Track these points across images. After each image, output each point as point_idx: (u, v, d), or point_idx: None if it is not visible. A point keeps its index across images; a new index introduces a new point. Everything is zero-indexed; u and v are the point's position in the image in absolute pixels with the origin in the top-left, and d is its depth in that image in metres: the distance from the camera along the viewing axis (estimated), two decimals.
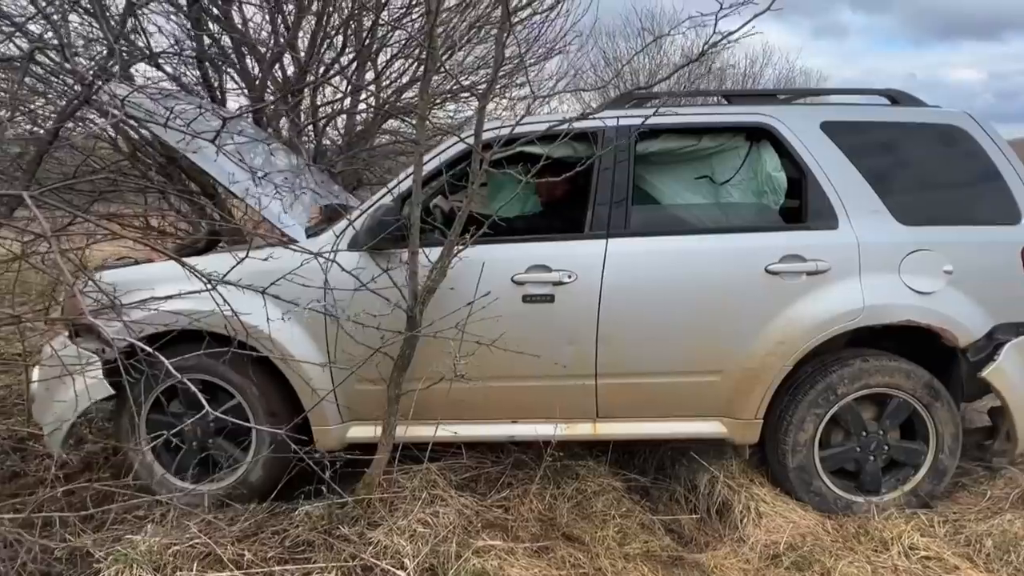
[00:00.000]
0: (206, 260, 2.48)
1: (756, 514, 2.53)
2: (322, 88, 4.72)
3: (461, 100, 5.30)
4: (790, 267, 2.55)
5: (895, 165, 2.67)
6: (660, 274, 2.59)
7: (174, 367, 1.54)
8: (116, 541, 2.20)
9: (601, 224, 2.61)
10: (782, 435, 2.64)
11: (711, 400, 2.65)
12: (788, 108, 2.79)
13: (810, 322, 2.54)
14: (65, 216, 2.57)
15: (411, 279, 2.38)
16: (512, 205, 3.32)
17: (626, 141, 2.62)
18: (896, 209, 2.61)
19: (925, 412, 2.63)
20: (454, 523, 2.33)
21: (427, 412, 2.55)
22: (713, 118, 2.75)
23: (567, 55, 5.89)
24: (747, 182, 2.77)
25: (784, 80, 14.09)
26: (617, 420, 2.70)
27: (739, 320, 2.57)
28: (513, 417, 2.70)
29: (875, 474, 2.67)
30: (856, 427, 2.65)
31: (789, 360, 2.57)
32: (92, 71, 2.25)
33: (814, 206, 2.62)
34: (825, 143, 2.64)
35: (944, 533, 2.46)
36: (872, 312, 2.54)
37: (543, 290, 2.56)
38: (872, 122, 2.73)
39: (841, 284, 2.55)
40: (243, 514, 2.43)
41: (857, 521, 2.56)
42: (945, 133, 2.69)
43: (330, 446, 2.65)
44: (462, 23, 4.63)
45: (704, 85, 11.20)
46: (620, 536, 2.46)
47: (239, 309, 2.17)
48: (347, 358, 2.50)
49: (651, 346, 2.59)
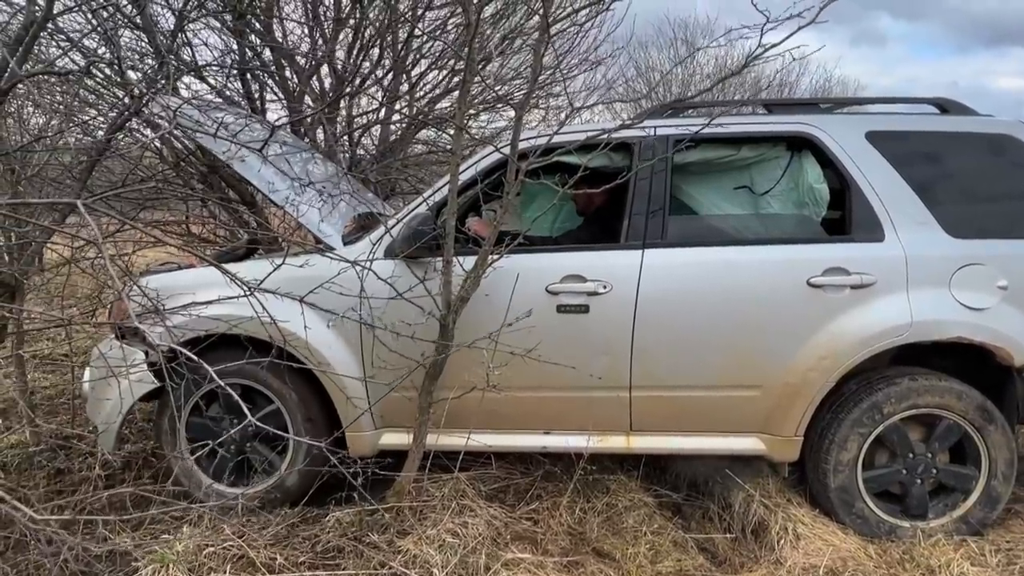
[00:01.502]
0: (245, 267, 2.53)
1: (794, 536, 2.45)
2: (357, 99, 4.82)
3: (496, 110, 5.33)
4: (833, 280, 2.47)
5: (944, 176, 2.57)
6: (697, 285, 2.54)
7: (215, 372, 1.56)
8: (154, 541, 2.24)
9: (637, 234, 2.58)
10: (824, 454, 2.55)
11: (749, 416, 2.58)
12: (831, 117, 2.73)
13: (854, 337, 2.46)
14: (112, 223, 2.67)
15: (444, 288, 2.39)
16: (547, 215, 3.34)
17: (664, 151, 2.59)
18: (946, 221, 2.51)
19: (977, 435, 2.51)
20: (483, 534, 2.32)
21: (459, 421, 2.55)
22: (753, 127, 2.70)
23: (605, 65, 5.87)
24: (787, 192, 2.71)
25: (821, 90, 13.83)
26: (651, 433, 2.65)
27: (780, 334, 2.50)
28: (546, 428, 2.68)
29: (922, 498, 2.56)
30: (903, 448, 2.55)
31: (832, 376, 2.49)
32: (143, 84, 2.33)
33: (858, 217, 2.54)
34: (870, 153, 2.57)
35: (996, 563, 2.34)
36: (920, 328, 2.45)
37: (578, 300, 2.54)
38: (920, 131, 2.64)
39: (887, 298, 2.46)
40: (276, 519, 2.46)
41: (902, 547, 2.45)
42: (997, 143, 2.59)
43: (363, 452, 2.66)
44: (496, 34, 4.67)
45: (739, 95, 11.06)
46: (652, 553, 2.40)
47: (278, 316, 2.21)
48: (382, 366, 2.51)
49: (687, 359, 2.54)
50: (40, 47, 2.99)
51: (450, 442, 2.59)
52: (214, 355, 2.29)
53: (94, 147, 2.64)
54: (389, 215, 2.98)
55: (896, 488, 2.59)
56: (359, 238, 2.74)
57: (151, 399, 2.79)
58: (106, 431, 2.64)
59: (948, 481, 2.57)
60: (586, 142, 2.42)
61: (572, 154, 2.45)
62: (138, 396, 2.60)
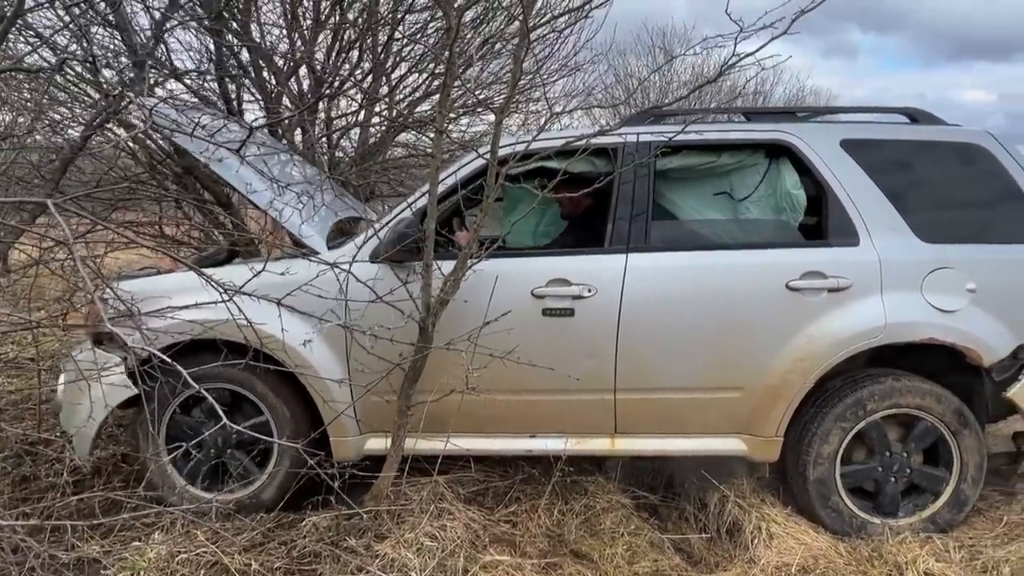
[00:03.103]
0: (225, 271, 2.50)
1: (767, 535, 2.49)
2: (336, 101, 4.79)
3: (476, 114, 5.34)
4: (811, 283, 2.53)
5: (915, 183, 2.66)
6: (680, 289, 2.58)
7: (193, 376, 1.55)
8: (124, 548, 2.20)
9: (621, 238, 2.61)
10: (805, 446, 2.60)
11: (731, 417, 2.63)
12: (807, 126, 2.79)
13: (832, 339, 2.52)
14: (83, 223, 2.61)
15: (424, 291, 2.39)
16: (528, 220, 3.36)
17: (646, 157, 2.62)
18: (917, 227, 2.59)
19: (952, 439, 2.58)
20: (461, 537, 2.32)
21: (443, 425, 2.54)
22: (733, 135, 2.76)
23: (583, 71, 5.93)
24: (766, 198, 2.76)
25: (794, 99, 14.14)
26: (635, 436, 2.68)
27: (760, 336, 2.55)
28: (531, 431, 2.69)
29: (894, 496, 2.63)
30: (881, 446, 2.61)
31: (811, 377, 2.55)
32: (118, 84, 2.30)
33: (834, 223, 2.60)
34: (845, 160, 2.64)
35: (960, 559, 2.41)
36: (894, 330, 2.52)
37: (563, 304, 2.56)
38: (892, 140, 2.72)
39: (863, 301, 2.52)
40: (250, 524, 2.43)
41: (871, 545, 2.51)
42: (965, 151, 2.68)
43: (348, 457, 2.65)
44: (476, 38, 4.69)
45: (716, 103, 11.25)
46: (629, 554, 2.43)
47: (259, 319, 2.19)
48: (360, 369, 2.50)
49: (671, 361, 2.57)
50: (9, 43, 2.92)
51: (434, 446, 2.58)
52: (198, 360, 2.28)
53: (68, 146, 2.58)
54: (371, 219, 2.97)
55: (870, 485, 2.66)
56: (343, 242, 2.72)
57: (129, 405, 2.73)
58: (81, 437, 2.57)
59: (920, 481, 2.64)
60: (566, 147, 2.45)
61: (553, 159, 2.47)
62: (115, 402, 2.54)
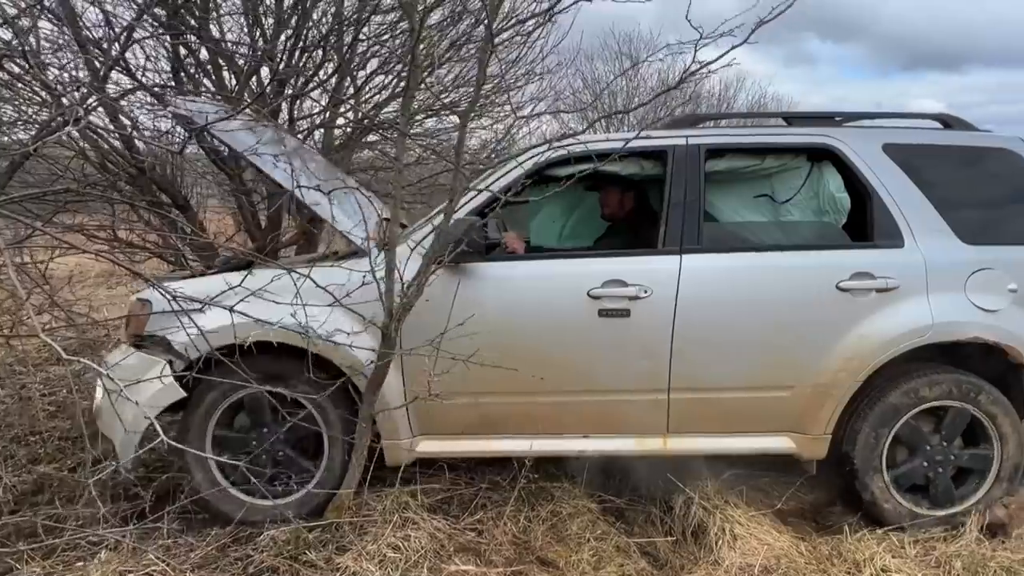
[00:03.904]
0: (260, 274, 2.40)
1: (731, 536, 2.52)
2: (300, 101, 4.69)
3: (441, 117, 5.30)
4: (860, 284, 2.58)
5: (954, 186, 2.73)
6: (733, 289, 2.61)
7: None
8: (67, 570, 2.09)
9: (674, 240, 2.63)
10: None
11: (781, 415, 2.67)
12: (850, 130, 2.85)
13: (881, 338, 2.57)
14: (29, 227, 2.47)
15: (387, 297, 2.34)
16: (554, 222, 3.48)
17: (696, 159, 2.67)
18: (958, 228, 2.66)
19: (992, 427, 2.67)
20: (426, 547, 2.28)
21: (498, 426, 2.60)
22: (779, 139, 2.82)
23: (549, 76, 5.94)
24: (807, 201, 2.84)
25: (757, 105, 14.44)
26: (687, 435, 2.70)
27: (811, 336, 2.59)
28: (584, 432, 2.70)
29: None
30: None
31: (860, 376, 2.59)
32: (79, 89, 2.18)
33: (880, 225, 2.66)
34: (888, 164, 2.71)
35: (915, 554, 2.48)
36: (941, 329, 2.58)
37: (619, 304, 2.57)
38: (931, 145, 2.80)
39: (910, 301, 2.59)
40: (205, 539, 2.34)
41: (831, 543, 2.56)
42: (999, 156, 2.79)
43: (400, 460, 2.63)
44: (443, 40, 4.65)
45: (680, 110, 11.44)
46: (595, 560, 2.42)
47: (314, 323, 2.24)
48: (419, 372, 2.45)
49: (723, 360, 2.60)
50: None
51: (491, 447, 2.65)
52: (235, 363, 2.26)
53: (16, 149, 2.44)
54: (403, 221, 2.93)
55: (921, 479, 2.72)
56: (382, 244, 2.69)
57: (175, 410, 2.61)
58: (125, 444, 2.44)
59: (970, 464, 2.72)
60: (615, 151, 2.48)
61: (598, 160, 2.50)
62: (163, 405, 2.44)
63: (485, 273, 2.58)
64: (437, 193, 5.09)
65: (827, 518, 2.86)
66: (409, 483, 2.64)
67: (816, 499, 3.00)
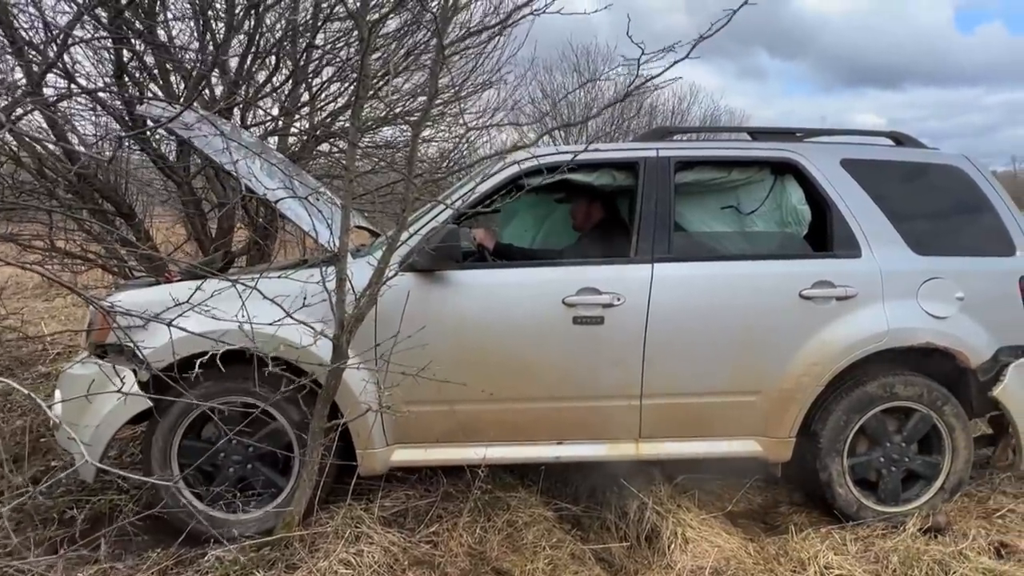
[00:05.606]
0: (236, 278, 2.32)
1: (683, 539, 2.57)
2: (252, 108, 4.59)
3: (396, 125, 5.27)
4: (822, 292, 2.68)
5: (906, 200, 2.87)
6: (703, 297, 2.68)
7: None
8: None
9: (647, 249, 2.69)
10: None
11: (748, 419, 2.73)
12: (810, 145, 2.97)
13: (841, 344, 2.67)
14: None
15: (338, 307, 2.31)
16: (525, 231, 3.51)
17: (667, 171, 2.74)
18: (910, 240, 2.80)
19: (945, 429, 2.79)
20: (379, 562, 2.24)
21: (475, 433, 2.59)
22: (745, 152, 2.92)
23: (506, 86, 5.99)
24: (771, 212, 2.92)
25: (709, 118, 14.87)
26: (658, 440, 2.74)
27: (776, 342, 2.68)
28: (559, 438, 2.71)
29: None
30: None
31: (822, 380, 2.69)
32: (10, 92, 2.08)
33: (838, 236, 2.78)
34: (845, 178, 2.83)
35: (855, 551, 2.57)
36: (896, 335, 2.69)
37: (593, 312, 2.60)
38: (885, 160, 2.95)
39: (867, 309, 2.69)
40: (145, 562, 2.25)
41: (778, 543, 2.64)
42: (947, 172, 2.94)
43: (375, 469, 2.59)
44: (400, 49, 4.64)
45: (636, 122, 11.68)
46: (551, 568, 2.42)
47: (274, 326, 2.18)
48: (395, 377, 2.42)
49: (694, 367, 2.66)
50: None
51: (462, 455, 2.64)
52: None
53: None
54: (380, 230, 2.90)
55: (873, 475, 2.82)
56: (359, 252, 2.68)
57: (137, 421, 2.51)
58: (85, 460, 2.31)
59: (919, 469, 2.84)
60: (590, 161, 2.54)
61: (578, 172, 2.58)
62: (126, 417, 2.36)
63: (461, 280, 2.59)
64: (394, 202, 5.06)
65: (775, 519, 2.95)
66: (362, 496, 2.60)
67: (765, 500, 3.09)
